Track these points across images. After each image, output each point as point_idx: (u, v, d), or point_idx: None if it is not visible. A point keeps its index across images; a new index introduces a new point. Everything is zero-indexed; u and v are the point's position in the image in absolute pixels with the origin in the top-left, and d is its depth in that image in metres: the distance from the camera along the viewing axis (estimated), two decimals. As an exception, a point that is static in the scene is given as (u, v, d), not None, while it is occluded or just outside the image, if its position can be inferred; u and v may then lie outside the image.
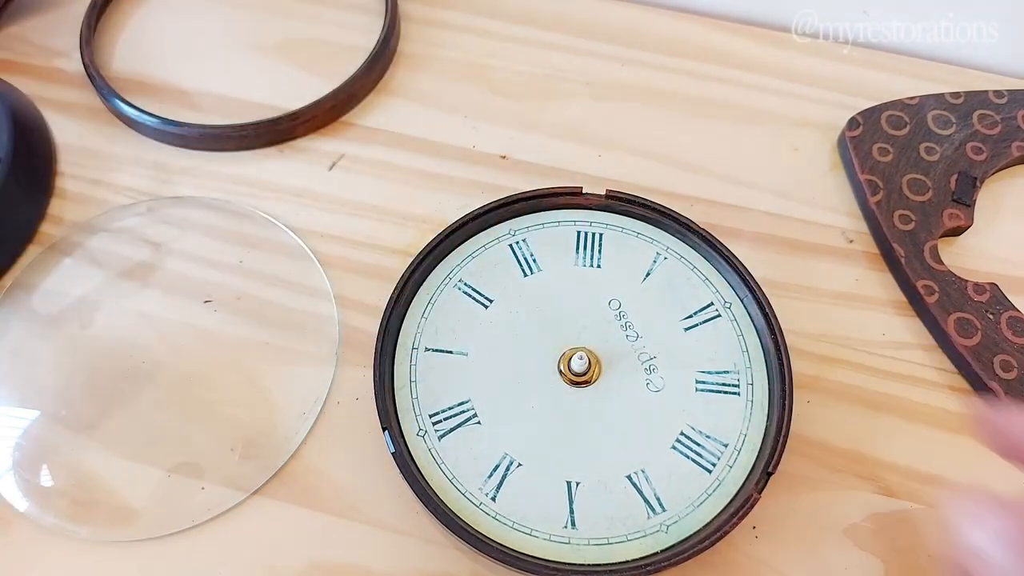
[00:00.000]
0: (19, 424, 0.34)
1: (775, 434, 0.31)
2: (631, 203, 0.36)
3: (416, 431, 0.31)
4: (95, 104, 0.43)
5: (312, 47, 0.45)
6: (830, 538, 0.32)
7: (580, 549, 0.29)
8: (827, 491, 0.33)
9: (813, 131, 0.43)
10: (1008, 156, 0.41)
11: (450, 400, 0.32)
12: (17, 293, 0.37)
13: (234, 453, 0.33)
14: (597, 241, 0.36)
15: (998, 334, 0.35)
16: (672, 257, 0.35)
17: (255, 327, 0.36)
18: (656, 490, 0.30)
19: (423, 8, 0.47)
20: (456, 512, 0.30)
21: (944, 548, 0.22)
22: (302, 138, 0.42)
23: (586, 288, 0.34)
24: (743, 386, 0.32)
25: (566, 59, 0.45)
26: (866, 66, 0.45)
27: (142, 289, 0.37)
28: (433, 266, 0.35)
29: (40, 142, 0.41)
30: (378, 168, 0.41)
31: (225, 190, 0.40)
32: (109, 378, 0.35)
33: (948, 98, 0.42)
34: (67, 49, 0.45)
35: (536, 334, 0.33)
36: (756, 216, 0.40)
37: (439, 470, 0.31)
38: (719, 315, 0.34)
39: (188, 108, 0.43)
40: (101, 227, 0.39)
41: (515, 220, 0.36)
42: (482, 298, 0.34)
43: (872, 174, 0.40)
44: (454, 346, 0.33)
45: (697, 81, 0.45)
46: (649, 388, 0.32)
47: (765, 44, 0.46)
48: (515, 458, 0.31)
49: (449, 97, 0.44)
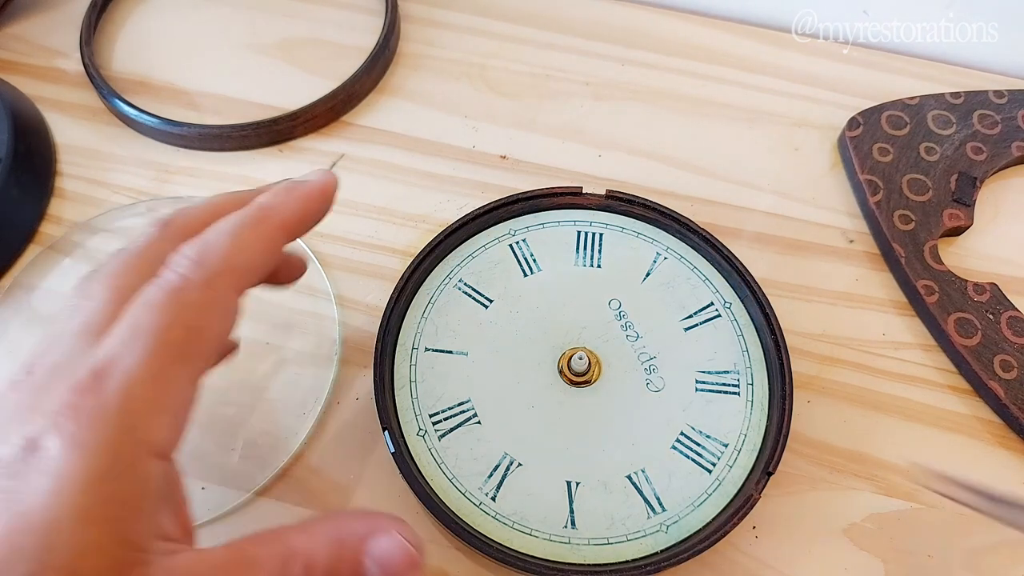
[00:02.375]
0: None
1: (775, 434, 0.31)
2: (631, 203, 0.36)
3: (416, 431, 0.31)
4: (95, 104, 0.43)
5: (312, 47, 0.45)
6: (830, 538, 0.32)
7: (580, 549, 0.29)
8: (827, 491, 0.33)
9: (813, 131, 0.43)
10: (1008, 156, 0.41)
11: (450, 400, 0.32)
12: (17, 293, 0.37)
13: (234, 453, 0.33)
14: (597, 241, 0.36)
15: (998, 334, 0.35)
16: (672, 257, 0.35)
17: (255, 327, 0.36)
18: (656, 490, 0.30)
19: (423, 8, 0.47)
20: (456, 512, 0.30)
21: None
22: (302, 138, 0.42)
23: (586, 288, 0.34)
24: (743, 386, 0.32)
25: (566, 59, 0.45)
26: (866, 66, 0.45)
27: (142, 289, 0.37)
28: (433, 266, 0.35)
29: (40, 142, 0.41)
30: (378, 168, 0.41)
31: (225, 190, 0.40)
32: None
33: (948, 98, 0.42)
34: (67, 49, 0.45)
35: (536, 334, 0.33)
36: (756, 216, 0.40)
37: (439, 470, 0.31)
38: (719, 315, 0.34)
39: (188, 108, 0.43)
40: (101, 227, 0.39)
41: (515, 220, 0.36)
42: (482, 298, 0.34)
43: (872, 174, 0.40)
44: (454, 346, 0.33)
45: (697, 81, 0.45)
46: (649, 388, 0.32)
47: (765, 44, 0.46)
48: (515, 458, 0.31)
49: (449, 97, 0.44)
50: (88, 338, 0.22)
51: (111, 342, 0.21)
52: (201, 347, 0.23)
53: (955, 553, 0.32)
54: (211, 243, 0.23)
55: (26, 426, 0.20)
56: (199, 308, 0.22)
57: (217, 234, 0.24)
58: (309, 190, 0.26)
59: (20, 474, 0.20)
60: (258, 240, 0.25)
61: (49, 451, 0.20)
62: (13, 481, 0.20)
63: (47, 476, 0.20)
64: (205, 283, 0.23)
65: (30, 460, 0.20)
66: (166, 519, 0.22)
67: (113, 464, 0.20)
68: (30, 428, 0.20)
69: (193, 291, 0.22)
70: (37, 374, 0.22)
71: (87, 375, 0.21)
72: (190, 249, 0.23)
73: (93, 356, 0.21)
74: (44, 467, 0.20)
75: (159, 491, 0.22)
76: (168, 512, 0.23)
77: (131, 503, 0.21)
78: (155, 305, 0.22)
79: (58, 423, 0.20)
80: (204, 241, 0.23)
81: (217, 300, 0.23)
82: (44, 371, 0.22)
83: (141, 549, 0.21)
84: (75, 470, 0.20)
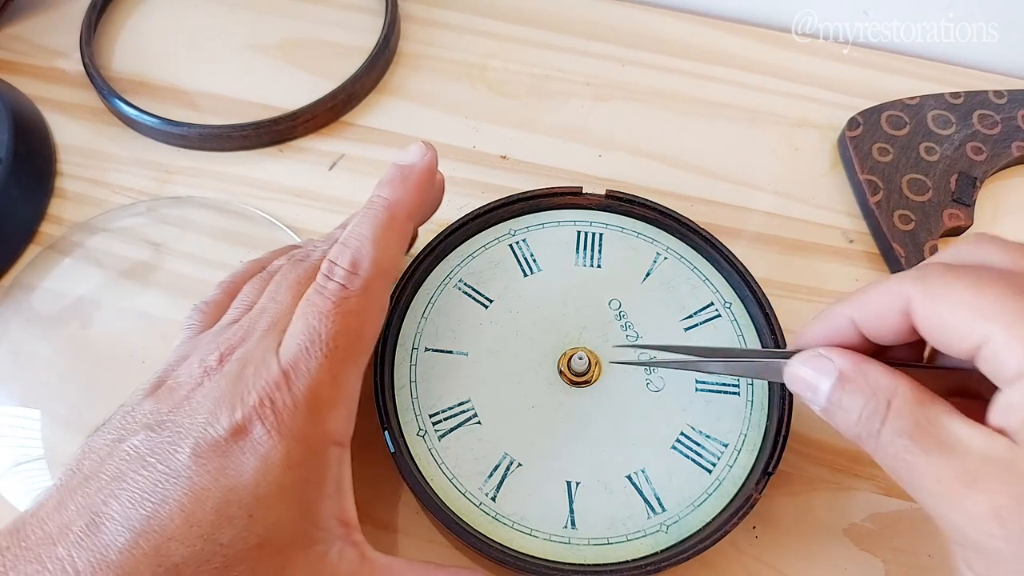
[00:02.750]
0: (20, 423, 0.34)
1: (775, 434, 0.31)
2: (631, 203, 0.36)
3: (416, 431, 0.31)
4: (95, 104, 0.43)
5: (312, 47, 0.45)
6: (830, 538, 0.32)
7: (580, 549, 0.29)
8: (827, 491, 0.33)
9: (813, 131, 0.43)
10: (1008, 156, 0.41)
11: (450, 400, 0.32)
12: (17, 293, 0.37)
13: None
14: (597, 241, 0.36)
15: (998, 334, 0.35)
16: (672, 257, 0.35)
17: (255, 327, 0.36)
18: (656, 490, 0.30)
19: (423, 8, 0.47)
20: (456, 512, 0.30)
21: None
22: (302, 138, 0.42)
23: (586, 288, 0.34)
24: (743, 386, 0.32)
25: (566, 59, 0.45)
26: (866, 66, 0.45)
27: (142, 289, 0.37)
28: (433, 266, 0.35)
29: (40, 142, 0.41)
30: (378, 168, 0.41)
31: (225, 190, 0.40)
32: (109, 378, 0.35)
33: (948, 98, 0.42)
34: (67, 49, 0.45)
35: (536, 334, 0.33)
36: (756, 216, 0.40)
37: (439, 470, 0.31)
38: (719, 315, 0.34)
39: (188, 108, 0.43)
40: (101, 227, 0.39)
41: (515, 220, 0.36)
42: (482, 298, 0.34)
43: (872, 174, 0.40)
44: (454, 346, 0.33)
45: (697, 81, 0.45)
46: (649, 388, 0.32)
47: (765, 44, 0.46)
48: (515, 458, 0.31)
49: (449, 97, 0.44)
50: (275, 336, 0.26)
51: (294, 345, 0.25)
52: (364, 346, 0.27)
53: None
54: (361, 252, 0.27)
55: (234, 413, 0.24)
56: (360, 314, 0.26)
57: (360, 241, 0.27)
58: (420, 176, 0.29)
59: (230, 454, 0.23)
60: (395, 237, 0.28)
61: (255, 437, 0.24)
62: (225, 460, 0.23)
63: (255, 458, 0.23)
64: (362, 290, 0.26)
65: (238, 443, 0.23)
66: (340, 503, 0.26)
67: (305, 450, 0.24)
68: (237, 415, 0.24)
69: (353, 300, 0.26)
70: (230, 364, 0.25)
71: (279, 374, 0.24)
72: (343, 259, 0.27)
73: (281, 357, 0.25)
74: (252, 450, 0.23)
75: (337, 476, 0.26)
76: (340, 497, 0.26)
77: (317, 485, 0.25)
78: (326, 314, 0.25)
79: (262, 413, 0.24)
80: (354, 250, 0.27)
81: (374, 302, 0.27)
82: (236, 362, 0.25)
83: (322, 528, 0.25)
84: (278, 454, 0.24)
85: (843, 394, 0.24)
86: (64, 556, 0.22)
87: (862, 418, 0.23)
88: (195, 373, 0.26)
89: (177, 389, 0.25)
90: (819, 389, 0.25)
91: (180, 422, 0.24)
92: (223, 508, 0.23)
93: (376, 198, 0.29)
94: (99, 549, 0.22)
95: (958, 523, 0.21)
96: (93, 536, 0.22)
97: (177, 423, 0.24)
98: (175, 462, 0.23)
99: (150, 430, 0.24)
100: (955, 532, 0.22)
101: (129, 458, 0.23)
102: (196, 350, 0.27)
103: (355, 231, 0.27)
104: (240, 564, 0.23)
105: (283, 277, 0.28)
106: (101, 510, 0.22)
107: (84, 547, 0.22)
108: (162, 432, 0.24)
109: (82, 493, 0.23)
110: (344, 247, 0.27)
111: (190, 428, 0.24)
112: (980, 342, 0.21)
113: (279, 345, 0.25)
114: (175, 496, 0.22)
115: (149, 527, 0.22)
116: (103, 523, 0.22)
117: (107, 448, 0.24)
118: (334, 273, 0.26)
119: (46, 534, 0.22)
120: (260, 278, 0.30)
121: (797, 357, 0.26)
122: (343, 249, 0.27)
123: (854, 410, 0.23)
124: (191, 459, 0.23)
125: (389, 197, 0.28)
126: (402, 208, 0.28)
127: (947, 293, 0.22)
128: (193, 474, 0.23)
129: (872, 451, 0.23)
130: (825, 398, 0.24)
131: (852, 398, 0.24)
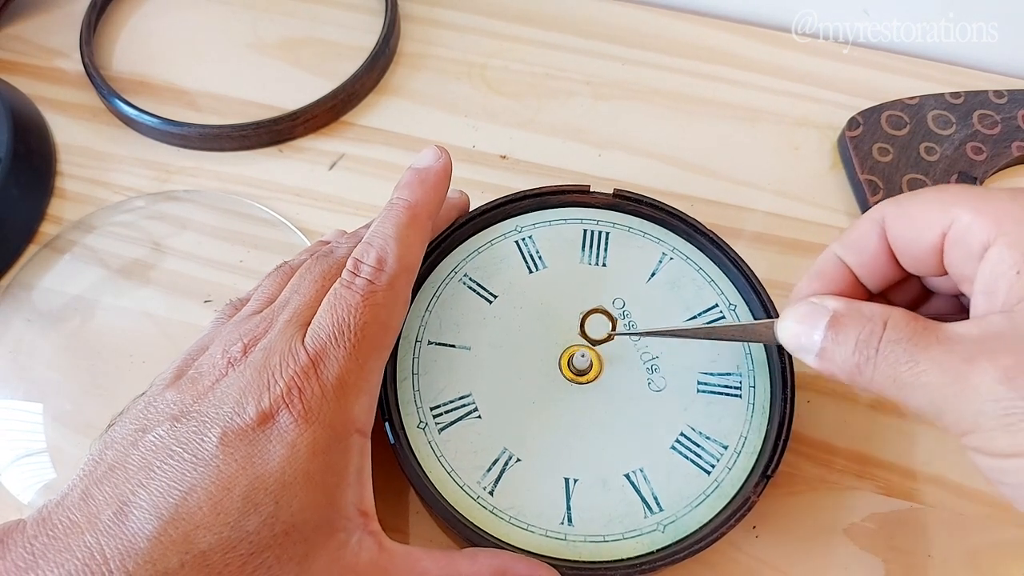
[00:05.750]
0: (21, 419, 0.34)
1: (775, 438, 0.31)
2: (639, 202, 0.36)
3: (417, 423, 0.31)
4: (95, 104, 0.43)
5: (312, 47, 0.45)
6: (830, 538, 0.32)
7: (576, 546, 0.29)
8: (827, 491, 0.33)
9: (813, 131, 0.43)
10: (1008, 156, 0.40)
11: (451, 393, 0.32)
12: (17, 291, 0.37)
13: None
14: (603, 240, 0.35)
15: (998, 334, 0.35)
16: (678, 258, 0.35)
17: (255, 326, 0.36)
18: (654, 490, 0.30)
19: (423, 8, 0.47)
20: (453, 505, 0.30)
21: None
22: (302, 138, 0.42)
23: (591, 286, 0.34)
24: (745, 388, 0.32)
25: (566, 59, 0.45)
26: (866, 66, 0.45)
27: (142, 288, 0.37)
28: (439, 260, 0.35)
29: (40, 142, 0.41)
30: (378, 168, 0.41)
31: (225, 190, 0.40)
32: (109, 376, 0.35)
33: (948, 98, 0.42)
34: (67, 49, 0.45)
35: (539, 330, 0.33)
36: (756, 216, 0.40)
37: (438, 463, 0.31)
38: (723, 316, 0.34)
39: (188, 108, 0.43)
40: (100, 225, 0.39)
41: (522, 217, 0.36)
42: (487, 293, 0.34)
43: (872, 174, 0.40)
44: (457, 340, 0.33)
45: (697, 81, 0.45)
46: (650, 388, 0.32)
47: (765, 44, 0.46)
48: (514, 453, 0.31)
49: (449, 97, 0.44)
50: (298, 328, 0.26)
51: (322, 334, 0.26)
52: (389, 338, 0.28)
53: (955, 553, 0.32)
54: (386, 249, 0.28)
55: (261, 401, 0.24)
56: (387, 307, 0.27)
57: (385, 239, 0.28)
58: (436, 177, 0.30)
59: (257, 442, 0.24)
60: (417, 235, 0.29)
61: (282, 424, 0.24)
62: (252, 447, 0.24)
63: (281, 445, 0.24)
64: (388, 285, 0.27)
65: (265, 431, 0.24)
66: (360, 492, 0.26)
67: (331, 438, 0.25)
68: (264, 403, 0.24)
69: (380, 293, 0.27)
70: (255, 354, 0.26)
71: (307, 362, 0.25)
72: (369, 257, 0.27)
73: (308, 346, 0.25)
74: (278, 437, 0.24)
75: (358, 465, 0.26)
76: (361, 486, 0.26)
77: (340, 473, 0.25)
78: (354, 307, 0.26)
79: (289, 400, 0.24)
80: (379, 248, 0.28)
81: (398, 296, 0.28)
82: (261, 352, 0.26)
83: (344, 516, 0.25)
84: (304, 441, 0.24)
85: (838, 330, 0.24)
86: (92, 544, 0.22)
87: (859, 343, 0.23)
88: (219, 363, 0.26)
89: (200, 379, 0.26)
90: (813, 334, 0.25)
91: (205, 411, 0.24)
92: (250, 495, 0.23)
93: (397, 200, 0.29)
94: (127, 537, 0.22)
95: (968, 407, 0.21)
96: (121, 524, 0.22)
97: (203, 412, 0.24)
98: (202, 451, 0.23)
99: (175, 420, 0.24)
100: (965, 420, 0.21)
101: (156, 448, 0.24)
102: (217, 341, 0.27)
103: (378, 230, 0.28)
104: (266, 551, 0.23)
105: (307, 271, 0.29)
106: (129, 499, 0.23)
107: (112, 535, 0.22)
108: (188, 422, 0.24)
109: (109, 483, 0.23)
110: (369, 245, 0.28)
111: (216, 417, 0.24)
112: (947, 226, 0.23)
113: (304, 335, 0.26)
114: (203, 484, 0.23)
115: (177, 515, 0.22)
116: (131, 511, 0.22)
117: (131, 438, 0.24)
118: (360, 270, 0.27)
119: (73, 522, 0.22)
120: (280, 272, 0.31)
121: (788, 310, 0.26)
122: (368, 247, 0.28)
123: (850, 340, 0.24)
124: (218, 447, 0.23)
125: (409, 199, 0.29)
126: (422, 208, 0.29)
127: (915, 197, 0.25)
128: (220, 462, 0.23)
129: (869, 377, 0.23)
130: (821, 338, 0.25)
131: (847, 331, 0.24)
